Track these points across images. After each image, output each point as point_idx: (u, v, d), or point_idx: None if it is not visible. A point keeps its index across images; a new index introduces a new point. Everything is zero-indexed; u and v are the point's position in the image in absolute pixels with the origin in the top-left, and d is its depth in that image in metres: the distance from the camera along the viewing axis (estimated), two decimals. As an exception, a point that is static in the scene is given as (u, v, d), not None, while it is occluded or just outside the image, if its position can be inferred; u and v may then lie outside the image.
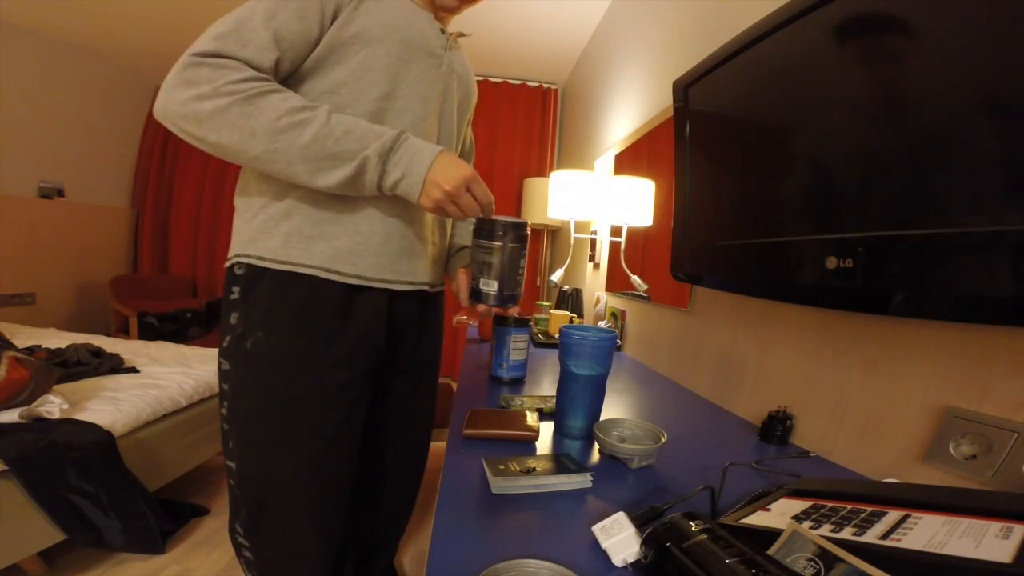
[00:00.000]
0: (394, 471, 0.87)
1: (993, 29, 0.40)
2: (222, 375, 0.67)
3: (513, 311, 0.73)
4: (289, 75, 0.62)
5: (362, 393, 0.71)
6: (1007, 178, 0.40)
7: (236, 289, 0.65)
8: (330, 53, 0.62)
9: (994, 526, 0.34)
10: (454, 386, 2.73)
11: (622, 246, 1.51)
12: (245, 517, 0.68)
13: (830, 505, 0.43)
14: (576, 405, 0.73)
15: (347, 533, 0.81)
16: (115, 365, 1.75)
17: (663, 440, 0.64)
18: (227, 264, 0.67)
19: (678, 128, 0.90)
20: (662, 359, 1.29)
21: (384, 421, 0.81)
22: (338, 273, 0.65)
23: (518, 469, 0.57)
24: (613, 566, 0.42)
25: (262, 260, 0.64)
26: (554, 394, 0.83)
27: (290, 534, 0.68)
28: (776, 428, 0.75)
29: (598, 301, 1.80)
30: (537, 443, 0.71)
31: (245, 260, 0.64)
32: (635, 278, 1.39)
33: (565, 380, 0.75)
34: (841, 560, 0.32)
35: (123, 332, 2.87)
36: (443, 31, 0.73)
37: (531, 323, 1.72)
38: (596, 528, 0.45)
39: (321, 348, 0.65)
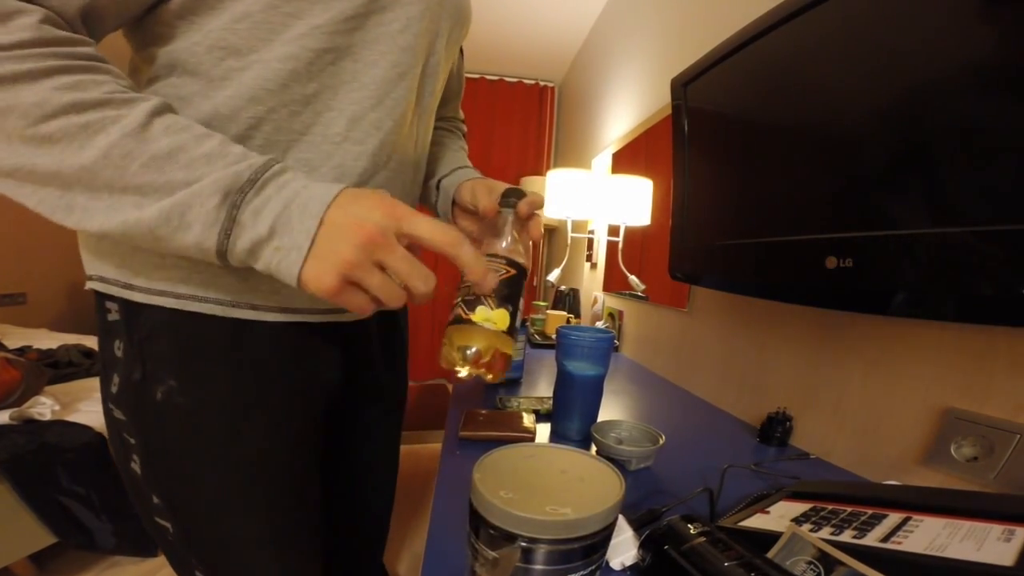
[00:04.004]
0: (362, 503, 0.76)
1: (999, 24, 0.40)
2: (118, 424, 0.47)
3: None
4: (157, 7, 0.39)
5: (315, 431, 0.56)
6: (1010, 176, 0.40)
7: (113, 306, 0.44)
8: None
9: (996, 529, 0.34)
10: (450, 387, 2.72)
11: (620, 246, 1.51)
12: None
13: (830, 507, 0.42)
14: (573, 406, 0.73)
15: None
16: None
17: (661, 442, 0.64)
18: (88, 284, 0.46)
19: (676, 126, 0.89)
20: (660, 360, 1.29)
21: (346, 450, 0.69)
22: (253, 308, 0.45)
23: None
24: (611, 569, 0.42)
25: (131, 289, 0.42)
26: (551, 395, 0.82)
27: None
28: (775, 429, 0.75)
29: (595, 301, 1.80)
30: (534, 445, 0.70)
31: (101, 287, 0.44)
32: (633, 278, 1.39)
33: (562, 381, 0.74)
34: (841, 563, 0.32)
35: None
36: None
37: (528, 323, 1.72)
38: (594, 531, 0.45)
39: (261, 396, 0.47)
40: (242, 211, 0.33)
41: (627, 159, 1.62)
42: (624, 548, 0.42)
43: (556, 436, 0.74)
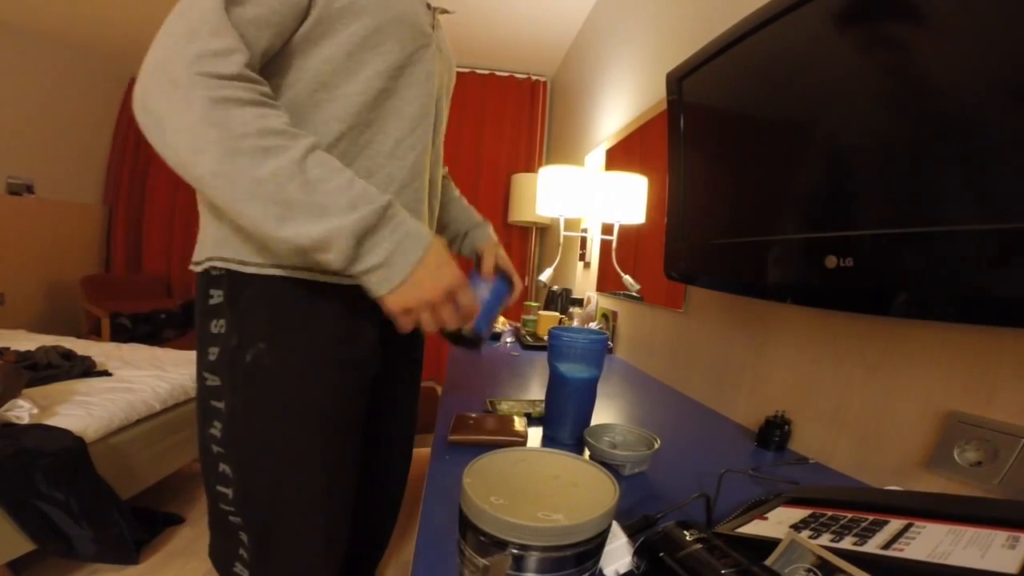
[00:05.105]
0: (380, 477, 0.85)
1: (1008, 15, 0.39)
2: (209, 392, 0.59)
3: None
4: (277, 53, 0.55)
5: (364, 403, 0.68)
6: (1016, 173, 0.39)
7: (217, 292, 0.57)
8: (317, 25, 0.54)
9: (1000, 535, 0.33)
10: (439, 390, 2.70)
11: (613, 244, 1.50)
12: (250, 547, 0.61)
13: (830, 514, 0.42)
14: (566, 410, 0.72)
15: None
16: (86, 368, 1.71)
17: (656, 446, 0.63)
18: (198, 268, 0.60)
19: (672, 122, 0.88)
20: (655, 362, 1.28)
21: (372, 427, 0.78)
22: (336, 274, 0.57)
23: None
24: (605, 578, 0.40)
25: (244, 264, 0.56)
26: (542, 398, 0.81)
27: (301, 563, 0.63)
28: (774, 433, 0.74)
29: (588, 301, 1.79)
30: (525, 449, 0.69)
31: (221, 264, 0.57)
32: (627, 278, 1.38)
33: (554, 384, 0.73)
34: (841, 571, 0.31)
35: (95, 334, 2.81)
36: (429, 6, 0.67)
37: (520, 325, 1.70)
38: (587, 539, 0.43)
39: (329, 358, 0.60)
40: (364, 247, 0.49)
41: (621, 155, 1.61)
42: (618, 555, 0.41)
43: (548, 440, 0.73)
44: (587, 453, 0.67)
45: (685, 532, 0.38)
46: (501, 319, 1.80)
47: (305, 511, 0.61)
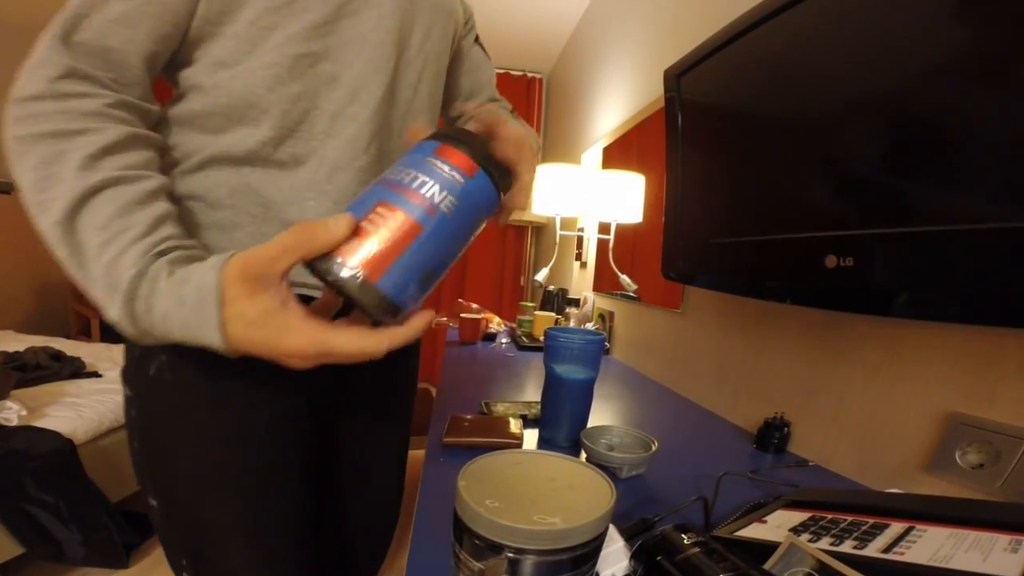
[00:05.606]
0: (358, 516, 0.78)
1: (1004, 11, 0.39)
2: (126, 402, 0.54)
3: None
4: (183, 43, 0.48)
5: (297, 424, 0.60)
6: (1017, 173, 0.39)
7: None
8: (212, 2, 0.47)
9: (1002, 539, 0.33)
10: (433, 391, 2.69)
11: (610, 244, 1.50)
12: (186, 563, 0.56)
13: (830, 517, 0.41)
14: (562, 411, 0.71)
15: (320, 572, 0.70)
16: (76, 369, 1.70)
17: (654, 448, 0.62)
18: None
19: (669, 119, 0.88)
20: (653, 363, 1.28)
21: (343, 460, 0.72)
22: None
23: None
24: (601, 583, 0.40)
25: None
26: (538, 400, 0.81)
27: None
28: (773, 436, 0.74)
29: (585, 302, 1.78)
30: (521, 451, 0.69)
31: None
32: (624, 277, 1.38)
33: (550, 385, 0.72)
34: (841, 575, 0.31)
35: (84, 334, 2.82)
36: None
37: (516, 326, 1.70)
38: (583, 543, 0.43)
39: (238, 374, 0.51)
40: (159, 337, 0.39)
41: (618, 154, 1.61)
42: (615, 559, 0.40)
43: (544, 442, 0.73)
44: (584, 455, 0.66)
45: (683, 535, 0.37)
46: (496, 319, 1.79)
47: (230, 533, 0.55)
